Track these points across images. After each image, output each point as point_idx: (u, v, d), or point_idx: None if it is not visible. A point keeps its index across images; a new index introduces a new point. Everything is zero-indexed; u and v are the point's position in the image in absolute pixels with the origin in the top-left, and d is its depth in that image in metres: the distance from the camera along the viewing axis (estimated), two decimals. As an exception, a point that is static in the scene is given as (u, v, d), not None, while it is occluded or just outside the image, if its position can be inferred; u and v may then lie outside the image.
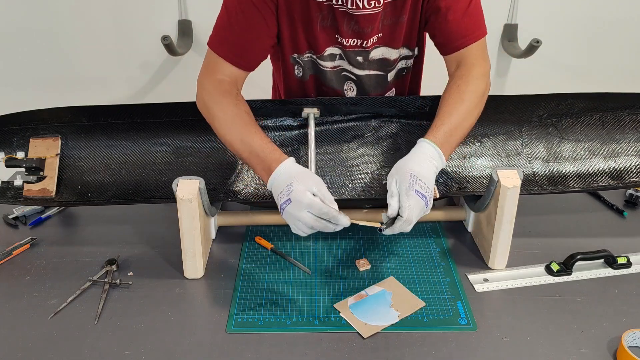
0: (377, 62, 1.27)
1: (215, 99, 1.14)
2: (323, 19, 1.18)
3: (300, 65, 1.27)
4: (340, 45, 1.22)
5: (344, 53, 1.24)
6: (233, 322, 1.00)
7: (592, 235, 1.26)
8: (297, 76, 1.29)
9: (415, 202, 0.97)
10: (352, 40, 1.21)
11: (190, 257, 1.10)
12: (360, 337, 0.97)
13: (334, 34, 1.21)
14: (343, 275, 1.13)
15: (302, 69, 1.28)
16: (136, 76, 2.46)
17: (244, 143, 1.08)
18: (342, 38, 1.21)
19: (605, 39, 2.44)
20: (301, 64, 1.27)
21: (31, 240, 1.22)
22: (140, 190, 1.21)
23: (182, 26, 2.35)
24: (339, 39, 1.21)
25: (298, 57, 1.26)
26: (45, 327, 0.99)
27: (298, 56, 1.26)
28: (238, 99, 1.15)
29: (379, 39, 1.23)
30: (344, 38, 1.21)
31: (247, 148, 1.07)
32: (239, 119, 1.11)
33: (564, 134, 1.28)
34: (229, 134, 1.10)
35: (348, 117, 1.26)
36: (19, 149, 1.24)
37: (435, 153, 1.05)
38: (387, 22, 1.20)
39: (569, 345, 0.95)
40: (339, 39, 1.21)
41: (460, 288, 1.09)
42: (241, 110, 1.12)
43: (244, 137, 1.08)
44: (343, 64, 1.26)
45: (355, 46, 1.22)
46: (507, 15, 2.37)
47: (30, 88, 2.44)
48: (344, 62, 1.26)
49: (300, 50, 1.24)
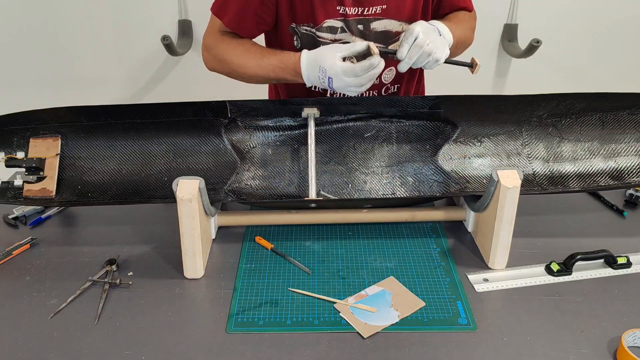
0: (379, 34, 1.26)
1: (221, 45, 1.26)
2: None
3: (298, 37, 1.27)
4: (342, 15, 1.23)
5: (346, 24, 1.24)
6: (233, 322, 1.00)
7: (592, 235, 1.26)
8: (296, 47, 1.30)
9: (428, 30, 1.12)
10: (355, 9, 1.22)
11: (190, 257, 1.10)
12: (360, 337, 0.97)
13: (335, 4, 1.21)
14: (343, 275, 1.13)
15: (300, 41, 1.28)
16: (136, 76, 2.46)
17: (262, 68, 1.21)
18: (344, 7, 1.21)
19: (605, 39, 2.44)
20: (299, 34, 1.27)
21: (31, 240, 1.22)
22: (140, 190, 1.21)
23: (182, 26, 2.35)
24: (341, 9, 1.21)
25: (296, 27, 1.26)
26: (45, 327, 0.99)
27: (296, 26, 1.26)
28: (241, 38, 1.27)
29: (383, 11, 1.23)
30: (346, 7, 1.21)
31: (270, 68, 1.20)
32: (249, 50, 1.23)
33: (564, 134, 1.28)
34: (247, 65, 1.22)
35: (348, 117, 1.26)
36: (19, 149, 1.24)
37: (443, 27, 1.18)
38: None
39: (569, 345, 0.95)
40: (341, 9, 1.21)
41: (460, 288, 1.09)
42: (247, 43, 1.25)
43: (260, 62, 1.21)
44: (345, 36, 1.26)
45: (357, 15, 1.23)
46: (507, 15, 2.37)
47: (30, 88, 2.44)
48: (345, 35, 1.26)
49: (297, 20, 1.25)
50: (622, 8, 2.38)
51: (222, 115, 1.24)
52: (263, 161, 1.24)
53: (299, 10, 1.23)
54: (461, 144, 1.25)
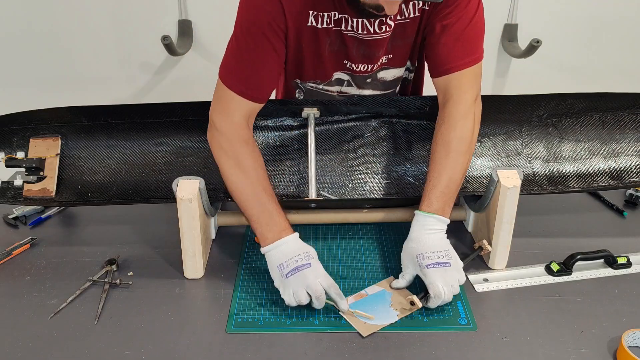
0: (384, 83, 1.26)
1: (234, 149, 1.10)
2: (331, 44, 1.15)
3: (301, 90, 1.28)
4: (349, 70, 1.20)
5: (352, 78, 1.23)
6: (233, 322, 1.00)
7: (592, 235, 1.26)
8: (297, 97, 1.30)
9: (435, 276, 1.01)
10: (362, 66, 1.19)
11: (190, 257, 1.10)
12: (360, 337, 0.97)
13: (343, 59, 1.18)
14: (343, 275, 1.13)
15: (303, 93, 1.28)
16: (136, 76, 2.46)
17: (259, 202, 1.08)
18: (351, 63, 1.18)
19: (605, 38, 2.44)
20: (302, 89, 1.27)
21: (31, 240, 1.22)
22: (140, 190, 1.21)
23: (182, 26, 2.35)
24: (348, 64, 1.19)
25: (300, 83, 1.26)
26: (45, 327, 0.99)
27: (300, 82, 1.25)
28: (255, 149, 1.13)
29: (388, 60, 1.21)
30: (353, 63, 1.18)
31: (260, 207, 1.07)
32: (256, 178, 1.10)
33: (564, 134, 1.28)
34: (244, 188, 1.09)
35: (348, 117, 1.26)
36: (19, 149, 1.24)
37: (434, 220, 1.07)
38: (396, 43, 1.17)
39: (569, 345, 0.95)
40: (348, 64, 1.19)
41: (460, 288, 1.08)
42: (258, 166, 1.11)
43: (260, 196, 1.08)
44: (350, 90, 1.25)
45: (365, 71, 1.20)
46: (507, 15, 2.37)
47: (30, 88, 2.44)
48: (351, 88, 1.25)
49: (303, 78, 1.23)
50: (622, 8, 2.38)
51: (222, 115, 1.24)
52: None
53: (307, 68, 1.19)
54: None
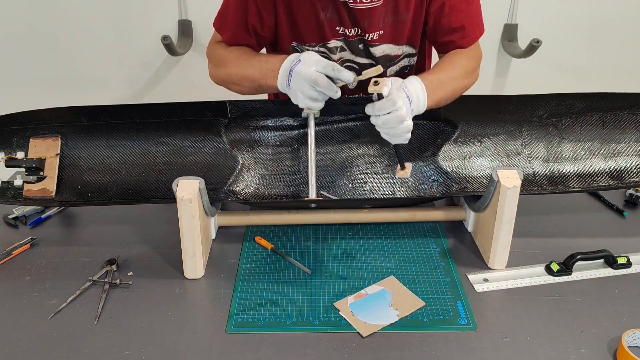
0: (380, 59, 1.27)
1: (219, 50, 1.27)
2: (324, 10, 1.20)
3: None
4: (343, 36, 1.24)
5: (346, 44, 1.25)
6: (233, 322, 1.00)
7: (592, 235, 1.26)
8: None
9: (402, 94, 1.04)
10: (354, 30, 1.23)
11: (190, 257, 1.10)
12: (360, 337, 0.97)
13: (336, 25, 1.22)
14: (343, 275, 1.13)
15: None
16: (136, 76, 2.46)
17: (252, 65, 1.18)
18: (344, 28, 1.22)
19: (605, 38, 2.44)
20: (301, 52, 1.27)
21: (31, 240, 1.22)
22: (140, 190, 1.21)
23: (182, 26, 2.35)
24: (341, 29, 1.23)
25: (298, 46, 1.27)
26: (45, 327, 0.99)
27: (298, 45, 1.26)
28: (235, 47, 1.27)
29: (381, 37, 1.23)
30: (346, 28, 1.22)
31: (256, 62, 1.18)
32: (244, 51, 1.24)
33: (564, 134, 1.28)
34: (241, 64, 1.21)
35: (348, 117, 1.26)
36: (19, 149, 1.24)
37: (419, 87, 1.09)
38: (389, 19, 1.22)
39: (569, 345, 0.95)
40: (341, 29, 1.23)
41: (460, 288, 1.09)
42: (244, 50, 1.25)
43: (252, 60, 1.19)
44: (345, 54, 1.27)
45: (356, 35, 1.24)
46: (507, 15, 2.37)
47: (30, 88, 2.44)
48: (346, 53, 1.27)
49: (300, 40, 1.25)
50: (622, 8, 2.38)
51: (222, 115, 1.24)
52: (263, 161, 1.24)
53: (302, 30, 1.24)
54: (461, 144, 1.25)
